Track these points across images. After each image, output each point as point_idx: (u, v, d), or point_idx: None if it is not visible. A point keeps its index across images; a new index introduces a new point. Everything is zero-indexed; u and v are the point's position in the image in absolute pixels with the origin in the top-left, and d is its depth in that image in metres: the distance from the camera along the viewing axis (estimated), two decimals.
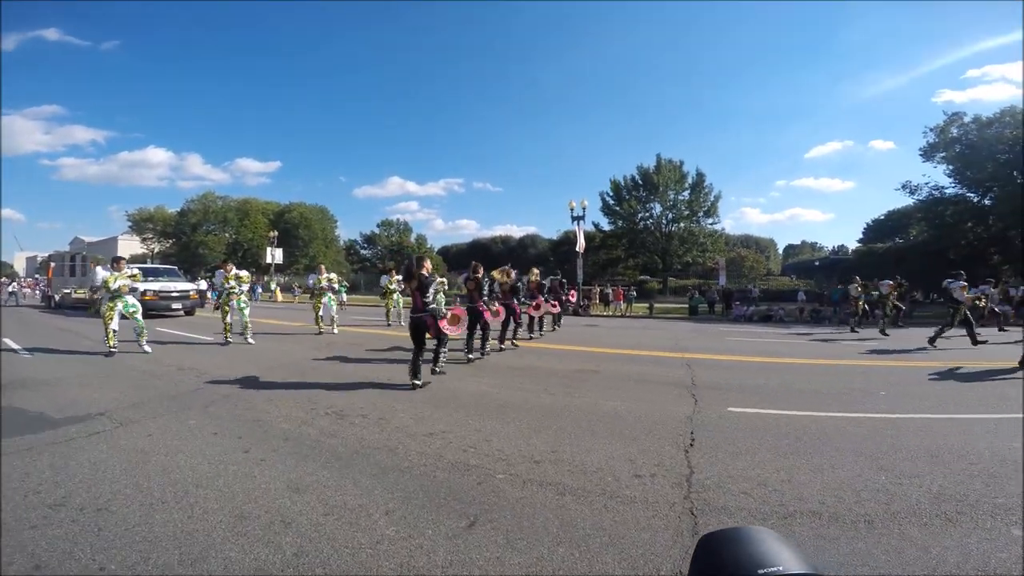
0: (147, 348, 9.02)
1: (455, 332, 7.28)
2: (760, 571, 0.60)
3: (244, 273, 10.78)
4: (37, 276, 35.04)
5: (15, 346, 9.72)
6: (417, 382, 6.21)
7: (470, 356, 8.29)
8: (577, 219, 25.04)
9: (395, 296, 14.79)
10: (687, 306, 23.49)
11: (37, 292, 33.26)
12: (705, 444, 4.36)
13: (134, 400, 5.62)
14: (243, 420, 4.85)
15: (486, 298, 8.46)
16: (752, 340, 12.29)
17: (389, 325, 14.24)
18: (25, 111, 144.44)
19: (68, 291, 21.74)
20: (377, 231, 66.04)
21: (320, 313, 12.28)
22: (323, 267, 13.43)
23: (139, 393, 5.97)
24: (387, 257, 61.74)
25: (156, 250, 55.53)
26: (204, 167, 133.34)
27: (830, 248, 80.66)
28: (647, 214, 40.12)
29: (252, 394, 5.90)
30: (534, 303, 11.27)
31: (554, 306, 12.42)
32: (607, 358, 8.72)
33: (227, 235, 55.08)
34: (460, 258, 70.23)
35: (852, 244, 61.07)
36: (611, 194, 41.87)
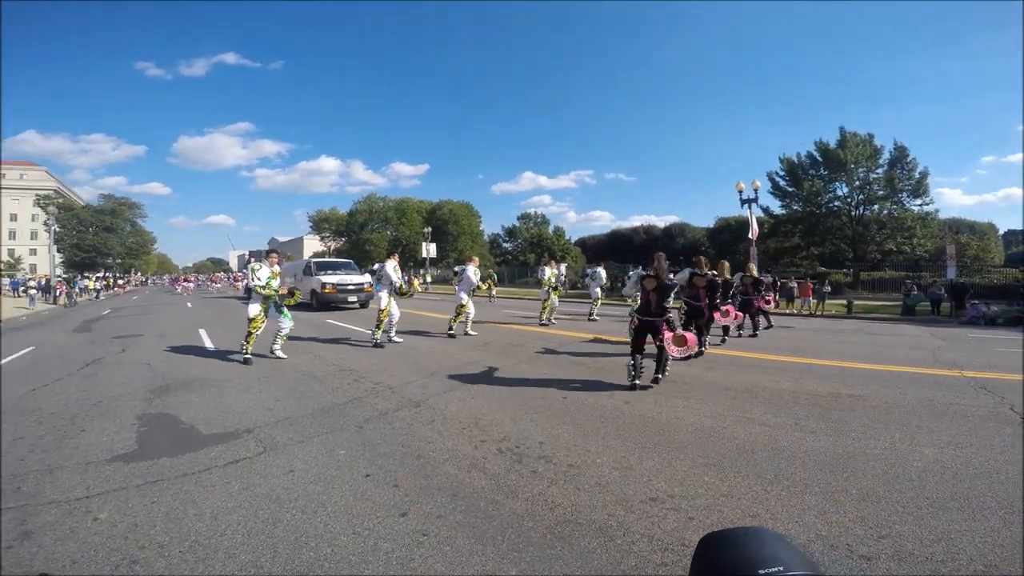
0: (281, 354, 8.03)
1: (676, 353, 6.20)
2: (761, 571, 0.59)
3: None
4: (244, 270, 40.79)
5: (208, 343, 10.21)
6: (638, 382, 5.70)
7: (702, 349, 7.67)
8: (748, 202, 21.65)
9: (554, 293, 13.09)
10: (900, 304, 18.92)
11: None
12: None
13: (287, 412, 4.95)
14: (401, 454, 3.77)
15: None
16: None
17: (543, 324, 12.85)
18: (225, 128, 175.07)
19: None
20: (517, 224, 66.61)
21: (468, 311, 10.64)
22: (475, 259, 11.93)
23: (294, 403, 5.33)
24: (527, 249, 61.90)
25: (332, 247, 61.85)
26: (366, 172, 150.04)
27: None
28: (830, 195, 34.13)
29: (411, 413, 4.89)
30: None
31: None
32: (855, 376, 6.39)
33: (388, 232, 59.37)
34: (598, 250, 67.92)
35: None
36: (782, 174, 36.32)
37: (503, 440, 4.04)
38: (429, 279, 41.19)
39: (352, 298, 18.01)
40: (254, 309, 7.88)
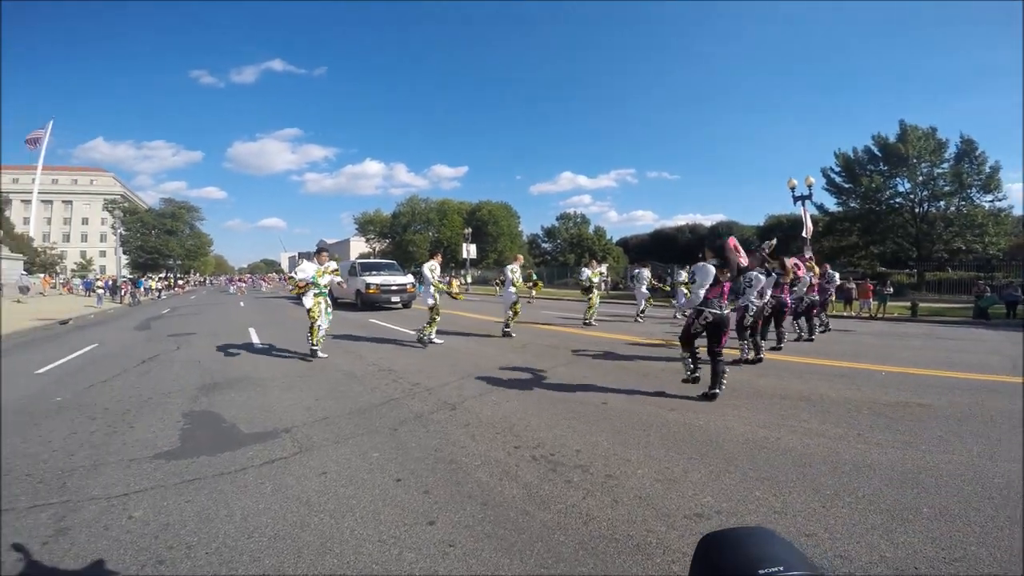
0: (321, 353, 8.12)
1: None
2: (761, 571, 0.58)
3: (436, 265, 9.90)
4: (295, 271, 42.65)
5: (256, 340, 10.53)
6: (699, 375, 5.45)
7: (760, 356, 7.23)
8: (801, 199, 20.65)
9: (596, 292, 12.76)
10: (971, 306, 17.59)
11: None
12: None
13: (325, 412, 4.97)
14: (433, 459, 3.69)
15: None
16: None
17: (587, 324, 12.63)
18: (275, 134, 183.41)
19: None
20: (556, 224, 66.19)
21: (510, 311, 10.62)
22: (519, 257, 11.57)
23: (332, 402, 5.37)
24: (567, 250, 61.43)
25: (377, 248, 63.32)
26: (408, 175, 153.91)
27: None
28: (891, 191, 32.16)
29: (446, 416, 4.82)
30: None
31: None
32: (924, 383, 5.87)
33: (430, 233, 60.23)
34: (641, 250, 66.68)
35: None
36: (838, 169, 34.56)
37: (537, 447, 3.89)
38: (469, 280, 41.45)
39: (395, 298, 18.25)
40: (308, 301, 8.11)
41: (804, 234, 20.19)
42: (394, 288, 18.31)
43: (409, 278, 19.91)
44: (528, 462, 3.58)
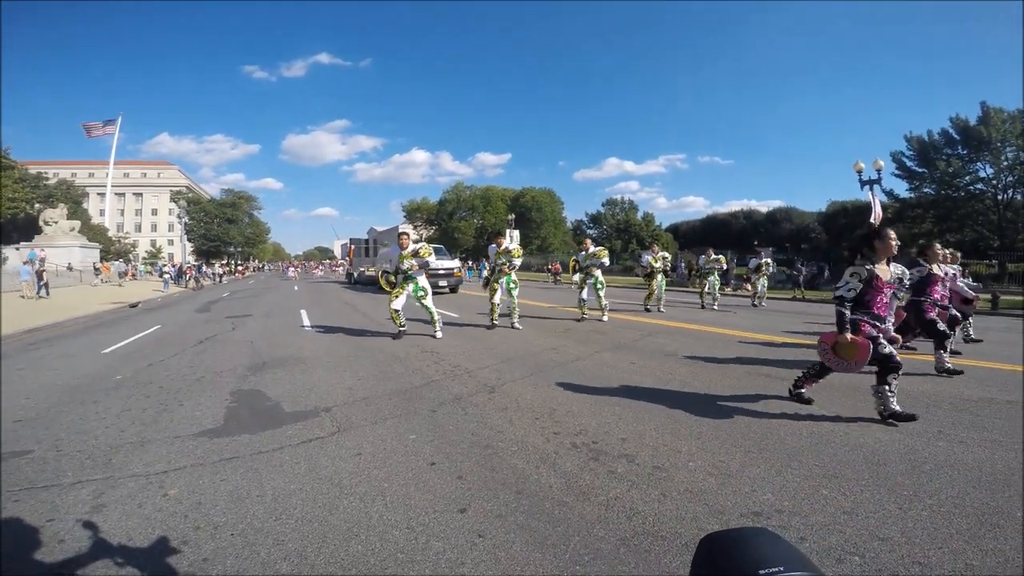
0: (439, 334, 8.18)
1: (835, 365, 4.04)
2: (761, 571, 0.58)
3: (515, 247, 9.40)
4: (344, 259, 43.82)
5: (306, 322, 10.79)
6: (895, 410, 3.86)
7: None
8: (869, 183, 19.28)
9: (659, 277, 12.33)
10: None
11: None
12: None
13: (366, 392, 4.96)
14: (469, 443, 3.55)
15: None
16: None
17: (648, 311, 12.23)
18: (325, 126, 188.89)
19: (363, 269, 26.86)
20: (602, 210, 65.00)
21: (584, 295, 10.36)
22: (588, 242, 10.99)
23: (375, 383, 5.35)
24: (613, 236, 60.33)
25: (424, 235, 64.32)
26: (453, 163, 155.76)
27: None
28: (971, 176, 29.65)
29: (485, 398, 4.69)
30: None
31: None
32: (1006, 379, 5.25)
33: (475, 220, 60.56)
34: (692, 236, 64.91)
35: None
36: (910, 153, 32.17)
37: (579, 434, 3.69)
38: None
39: (442, 283, 18.48)
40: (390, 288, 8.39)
41: (872, 220, 18.86)
42: (441, 272, 18.52)
43: (456, 262, 20.17)
44: (568, 449, 3.38)
